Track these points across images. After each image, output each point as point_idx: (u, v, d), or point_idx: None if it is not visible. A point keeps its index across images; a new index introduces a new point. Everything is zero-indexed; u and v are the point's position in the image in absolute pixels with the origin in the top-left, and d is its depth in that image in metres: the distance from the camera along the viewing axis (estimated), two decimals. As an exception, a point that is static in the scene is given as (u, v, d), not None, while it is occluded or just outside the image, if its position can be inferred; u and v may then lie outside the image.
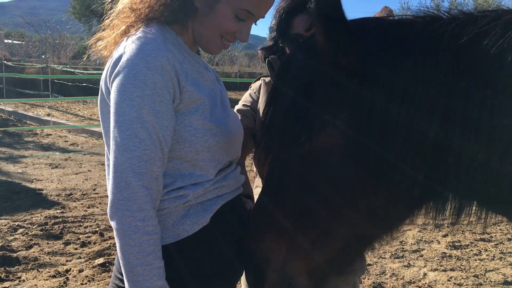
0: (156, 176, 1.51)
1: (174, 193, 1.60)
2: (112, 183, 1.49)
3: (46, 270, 5.13)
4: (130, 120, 1.47)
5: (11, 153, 11.28)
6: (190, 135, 1.59)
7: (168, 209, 1.60)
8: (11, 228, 6.18)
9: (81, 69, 20.51)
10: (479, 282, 5.09)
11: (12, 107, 17.32)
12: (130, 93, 1.47)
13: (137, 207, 1.46)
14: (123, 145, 1.47)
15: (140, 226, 1.46)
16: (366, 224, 1.40)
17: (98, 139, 13.19)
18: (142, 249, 1.46)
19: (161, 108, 1.51)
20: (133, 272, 1.47)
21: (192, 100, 1.59)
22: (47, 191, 8.10)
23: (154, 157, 1.50)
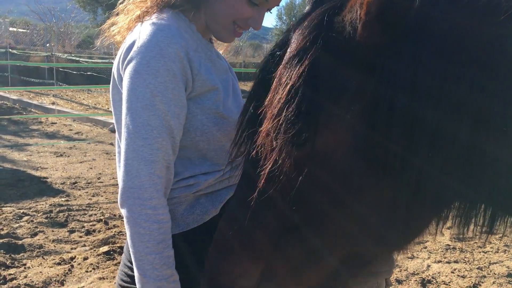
0: (167, 164, 1.50)
1: (184, 182, 1.59)
2: (123, 170, 1.48)
3: (51, 257, 5.16)
4: (142, 107, 1.46)
5: (16, 141, 11.31)
6: (202, 124, 1.58)
7: (178, 198, 1.59)
8: (16, 216, 6.22)
9: (86, 58, 20.49)
10: (483, 275, 5.09)
11: (17, 95, 17.34)
12: (143, 80, 1.46)
13: (148, 196, 1.45)
14: (135, 132, 1.46)
15: (151, 215, 1.45)
16: (374, 241, 1.17)
17: (102, 128, 13.20)
18: (153, 238, 1.45)
19: (174, 96, 1.49)
20: (143, 260, 1.46)
21: (205, 89, 1.58)
22: (52, 179, 8.12)
23: (166, 145, 1.49)
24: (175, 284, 1.50)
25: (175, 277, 1.51)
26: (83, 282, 4.66)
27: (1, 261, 4.92)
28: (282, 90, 1.11)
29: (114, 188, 7.64)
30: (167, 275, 1.48)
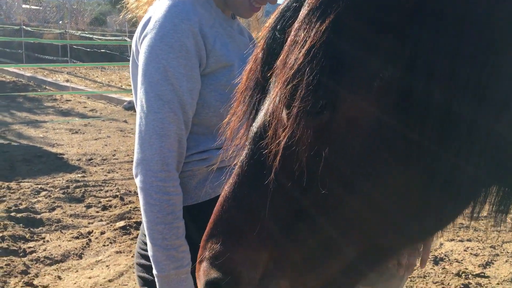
0: (179, 138, 1.54)
1: (197, 156, 1.62)
2: (136, 143, 1.54)
3: (69, 231, 5.28)
4: (155, 82, 1.50)
5: (32, 118, 11.45)
6: (215, 99, 1.60)
7: (191, 171, 1.63)
8: (34, 191, 6.34)
9: (99, 35, 20.50)
10: (496, 253, 5.10)
11: (31, 73, 17.47)
12: (156, 55, 1.49)
13: (159, 168, 1.50)
14: (148, 106, 1.51)
15: (161, 186, 1.50)
16: (396, 232, 1.04)
17: (116, 106, 13.29)
18: (162, 209, 1.51)
19: (186, 71, 1.52)
20: (153, 230, 1.52)
21: (219, 65, 1.59)
22: (68, 155, 8.24)
23: (178, 119, 1.52)
24: (185, 253, 1.55)
25: (185, 247, 1.56)
26: (100, 256, 4.77)
27: (20, 235, 5.05)
28: (299, 50, 0.94)
29: (129, 165, 7.74)
30: (176, 245, 1.53)
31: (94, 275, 4.41)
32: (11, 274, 4.28)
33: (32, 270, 4.43)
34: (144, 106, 1.52)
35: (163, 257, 1.52)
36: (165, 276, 1.52)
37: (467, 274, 4.61)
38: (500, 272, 4.71)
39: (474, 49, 0.89)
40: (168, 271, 1.52)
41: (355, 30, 0.93)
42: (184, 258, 1.55)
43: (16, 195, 6.14)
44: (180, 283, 1.54)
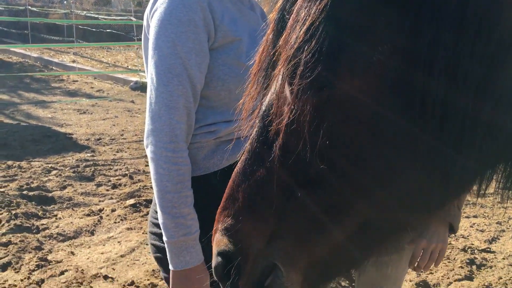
0: (188, 111, 1.59)
1: (205, 128, 1.68)
2: (147, 115, 1.60)
3: (80, 209, 5.38)
4: (164, 56, 1.55)
5: (40, 98, 11.51)
6: (223, 73, 1.64)
7: (199, 143, 1.68)
8: (45, 170, 6.43)
9: (104, 15, 20.41)
10: (502, 229, 5.15)
11: (37, 54, 17.48)
12: (165, 29, 1.54)
13: (168, 139, 1.56)
14: (158, 79, 1.56)
15: (170, 157, 1.56)
16: (397, 207, 1.04)
17: (123, 86, 13.32)
18: (171, 178, 1.57)
19: (195, 45, 1.56)
20: (163, 198, 1.58)
21: (227, 40, 1.63)
22: (77, 135, 8.32)
23: (186, 92, 1.57)
24: (193, 221, 1.62)
25: (193, 215, 1.62)
26: (112, 232, 4.87)
27: (33, 212, 5.16)
28: (300, 27, 0.96)
29: (137, 145, 7.81)
30: (185, 213, 1.59)
31: (106, 250, 4.51)
32: (25, 250, 4.39)
33: (46, 246, 4.53)
34: (154, 79, 1.57)
35: (172, 225, 1.59)
36: (174, 242, 1.59)
37: (473, 249, 4.67)
38: (506, 247, 4.77)
39: (479, 23, 0.88)
40: (177, 238, 1.59)
41: (353, 6, 0.93)
42: (193, 226, 1.62)
43: (27, 174, 6.24)
44: (189, 249, 1.61)
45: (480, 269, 4.36)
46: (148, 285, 3.90)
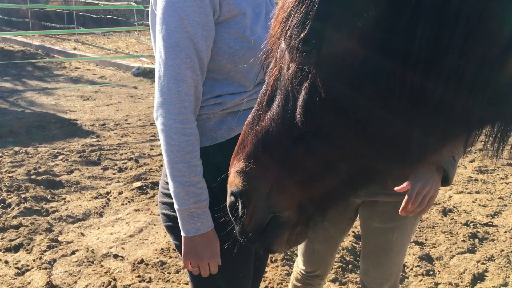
0: (195, 84, 1.65)
1: (212, 100, 1.73)
2: (156, 88, 1.66)
3: (88, 192, 5.47)
4: (172, 30, 1.60)
5: (43, 85, 11.56)
6: (228, 47, 1.69)
7: (207, 114, 1.74)
8: (52, 155, 6.51)
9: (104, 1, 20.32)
10: (504, 204, 5.22)
11: (39, 42, 17.47)
12: (172, 4, 1.59)
13: (177, 111, 1.62)
14: (166, 53, 1.62)
15: (180, 128, 1.63)
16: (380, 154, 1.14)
17: (125, 72, 13.33)
18: (181, 149, 1.64)
19: (201, 19, 1.61)
20: (174, 168, 1.65)
21: (232, 14, 1.67)
22: (81, 121, 8.39)
23: (193, 65, 1.63)
24: (203, 189, 1.69)
25: (202, 184, 1.69)
26: (120, 214, 4.96)
27: (42, 196, 5.25)
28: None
29: (141, 129, 7.88)
30: (194, 182, 1.66)
31: (115, 231, 4.60)
32: (36, 232, 4.49)
33: (56, 228, 4.63)
34: (162, 53, 1.62)
35: (183, 193, 1.65)
36: (185, 209, 1.67)
37: (475, 223, 4.75)
38: (508, 221, 4.84)
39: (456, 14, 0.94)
40: (188, 205, 1.66)
41: None
42: (202, 194, 1.69)
43: (34, 159, 6.32)
44: (199, 216, 1.68)
45: (482, 242, 4.45)
46: (157, 263, 4.00)
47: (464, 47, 0.97)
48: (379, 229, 2.34)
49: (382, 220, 2.31)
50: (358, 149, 1.13)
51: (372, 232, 2.38)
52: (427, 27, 0.96)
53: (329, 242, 2.48)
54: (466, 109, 1.04)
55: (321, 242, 2.46)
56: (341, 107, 1.09)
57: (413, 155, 1.14)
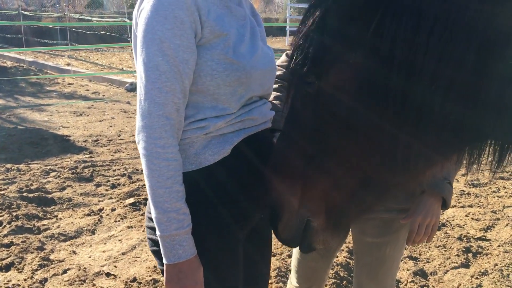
0: (177, 107, 1.62)
1: (195, 124, 1.71)
2: (137, 111, 1.64)
3: (80, 209, 5.43)
4: (152, 53, 1.58)
5: (36, 102, 11.53)
6: (211, 69, 1.67)
7: (190, 139, 1.72)
8: (44, 172, 6.47)
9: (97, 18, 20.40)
10: (497, 217, 5.24)
11: (32, 58, 17.48)
12: (152, 27, 1.57)
13: (158, 135, 1.60)
14: (146, 76, 1.60)
15: (161, 153, 1.60)
16: (383, 167, 1.31)
17: (118, 87, 13.35)
18: (162, 173, 1.61)
19: (182, 42, 1.59)
20: (155, 193, 1.62)
21: (214, 35, 1.66)
22: (74, 137, 8.36)
23: (175, 89, 1.60)
24: (185, 216, 1.66)
25: (185, 210, 1.66)
26: (113, 231, 4.92)
27: (34, 213, 5.20)
28: (299, 34, 1.32)
29: (134, 145, 7.85)
30: (176, 208, 1.63)
31: (108, 249, 4.56)
32: (27, 250, 4.43)
33: (48, 246, 4.58)
34: (143, 77, 1.60)
35: (165, 219, 1.62)
36: (167, 236, 1.63)
37: (468, 238, 4.75)
38: (501, 235, 4.85)
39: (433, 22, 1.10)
40: (169, 232, 1.63)
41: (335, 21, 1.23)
42: (185, 220, 1.65)
43: (26, 176, 6.28)
44: (181, 243, 1.65)
45: (476, 256, 4.45)
46: (150, 281, 3.96)
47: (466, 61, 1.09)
48: (372, 244, 2.36)
49: (375, 235, 2.33)
50: (362, 163, 1.31)
51: (365, 247, 2.39)
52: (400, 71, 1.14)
53: (323, 258, 2.48)
54: (461, 123, 1.17)
55: (315, 258, 2.46)
56: (341, 128, 1.28)
57: (413, 167, 1.29)
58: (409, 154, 1.24)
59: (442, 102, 1.14)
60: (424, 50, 1.10)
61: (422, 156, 1.26)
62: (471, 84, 1.11)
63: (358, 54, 1.19)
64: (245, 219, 1.85)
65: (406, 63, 1.12)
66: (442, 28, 1.09)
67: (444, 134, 1.20)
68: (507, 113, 1.13)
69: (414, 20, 1.10)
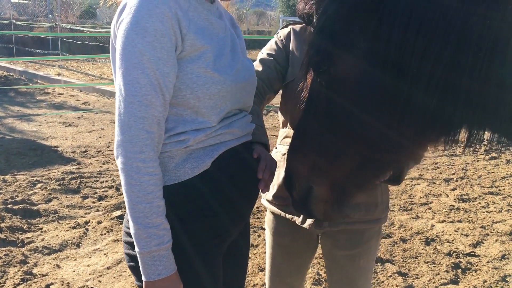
0: (157, 120, 1.59)
1: (175, 137, 1.68)
2: (116, 125, 1.59)
3: (66, 222, 5.34)
4: (131, 66, 1.54)
5: (25, 112, 11.43)
6: (192, 82, 1.65)
7: (170, 152, 1.68)
8: (30, 183, 6.38)
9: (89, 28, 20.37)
10: (486, 233, 5.22)
11: (22, 67, 17.38)
12: (132, 39, 1.54)
13: (138, 149, 1.55)
14: (125, 90, 1.55)
15: (141, 167, 1.55)
16: (381, 146, 1.49)
17: (109, 98, 13.28)
18: (143, 188, 1.56)
19: (162, 55, 1.56)
20: (135, 209, 1.58)
21: (195, 48, 1.64)
22: (62, 148, 8.27)
23: (155, 102, 1.57)
24: (165, 231, 1.62)
25: (165, 225, 1.62)
26: (98, 244, 4.84)
27: (18, 226, 5.10)
28: (313, 33, 1.54)
29: (123, 156, 7.77)
30: (157, 223, 1.59)
31: (93, 263, 4.47)
32: (10, 264, 4.34)
33: (31, 260, 4.49)
34: (122, 90, 1.56)
35: (145, 235, 1.58)
36: (147, 252, 1.59)
37: (458, 253, 4.73)
38: (490, 251, 4.83)
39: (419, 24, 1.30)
40: (150, 248, 1.58)
41: (339, 20, 1.43)
42: (165, 235, 1.61)
43: (12, 188, 6.18)
44: (161, 259, 1.60)
45: (465, 273, 4.41)
46: (134, 297, 3.88)
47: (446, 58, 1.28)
48: (345, 257, 2.35)
49: (346, 248, 2.32)
50: (361, 142, 1.51)
51: (338, 261, 2.38)
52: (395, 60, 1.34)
53: (297, 272, 2.49)
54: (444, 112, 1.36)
55: (290, 274, 2.47)
56: (347, 110, 1.48)
57: (406, 148, 1.53)
58: (401, 136, 1.45)
59: (424, 95, 1.34)
60: (411, 49, 1.29)
61: (413, 138, 1.48)
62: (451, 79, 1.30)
63: (360, 50, 1.41)
64: (225, 233, 1.82)
65: (396, 60, 1.32)
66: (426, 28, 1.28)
67: (427, 122, 1.41)
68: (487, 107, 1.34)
69: (404, 21, 1.29)
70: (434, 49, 1.28)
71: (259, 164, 1.91)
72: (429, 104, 1.35)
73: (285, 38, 2.30)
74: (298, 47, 2.23)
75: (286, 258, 2.45)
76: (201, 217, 1.72)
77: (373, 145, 1.51)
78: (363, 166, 1.58)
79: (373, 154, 1.54)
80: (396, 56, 1.32)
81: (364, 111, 1.46)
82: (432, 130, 1.46)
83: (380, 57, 1.35)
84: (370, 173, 1.68)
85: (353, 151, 1.55)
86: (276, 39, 2.34)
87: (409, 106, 1.38)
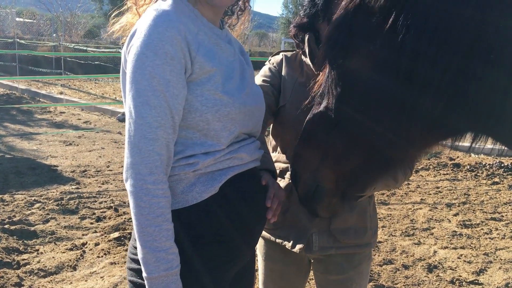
0: (167, 143, 1.58)
1: (184, 160, 1.66)
2: (126, 147, 1.58)
3: (63, 243, 5.26)
4: (142, 89, 1.55)
5: (26, 130, 11.43)
6: (201, 104, 1.64)
7: (178, 175, 1.66)
8: (28, 203, 6.32)
9: (92, 48, 20.54)
10: (489, 260, 5.13)
11: (25, 85, 17.47)
12: (142, 63, 1.55)
13: (148, 171, 1.54)
14: (136, 112, 1.56)
15: (151, 189, 1.54)
16: (387, 142, 1.52)
17: (110, 117, 13.31)
18: (152, 211, 1.54)
19: (172, 77, 1.57)
20: (144, 232, 1.55)
21: (204, 71, 1.65)
22: (62, 167, 8.23)
23: (165, 124, 1.57)
24: (174, 256, 1.58)
25: (174, 249, 1.59)
26: (95, 267, 4.76)
27: (14, 247, 5.03)
28: (330, 28, 1.62)
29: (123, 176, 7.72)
30: (166, 247, 1.56)
31: (89, 286, 4.39)
32: (4, 287, 4.25)
33: (26, 282, 4.40)
34: (132, 112, 1.57)
35: (153, 259, 1.55)
36: (155, 278, 1.55)
37: (461, 281, 4.64)
38: (493, 279, 4.74)
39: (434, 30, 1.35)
40: (158, 273, 1.55)
41: (357, 16, 1.51)
42: (174, 260, 1.58)
43: (9, 208, 6.12)
44: (170, 285, 1.57)
45: (469, 301, 4.32)
46: (130, 322, 3.79)
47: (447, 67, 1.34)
48: (337, 281, 2.33)
49: (338, 272, 2.31)
50: (370, 137, 1.53)
51: (330, 286, 2.37)
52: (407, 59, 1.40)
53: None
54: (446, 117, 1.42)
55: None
56: (357, 104, 1.53)
57: (411, 147, 1.58)
58: (409, 133, 1.49)
59: (431, 99, 1.39)
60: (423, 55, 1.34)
61: (419, 136, 1.52)
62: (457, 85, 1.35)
63: (375, 45, 1.46)
64: (233, 258, 1.79)
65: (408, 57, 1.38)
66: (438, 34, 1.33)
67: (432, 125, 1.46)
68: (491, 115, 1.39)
69: (420, 27, 1.35)
70: (444, 56, 1.32)
71: (268, 192, 1.89)
72: (435, 108, 1.39)
73: (278, 65, 2.37)
74: (290, 73, 2.30)
75: (278, 283, 2.43)
76: (209, 242, 1.69)
77: (378, 144, 1.54)
78: (367, 163, 1.63)
79: (377, 153, 1.58)
80: (408, 58, 1.38)
81: (372, 110, 1.50)
82: (438, 131, 1.51)
83: (392, 52, 1.41)
84: (375, 171, 1.71)
85: (359, 149, 1.60)
86: (270, 65, 2.40)
87: (415, 110, 1.42)
